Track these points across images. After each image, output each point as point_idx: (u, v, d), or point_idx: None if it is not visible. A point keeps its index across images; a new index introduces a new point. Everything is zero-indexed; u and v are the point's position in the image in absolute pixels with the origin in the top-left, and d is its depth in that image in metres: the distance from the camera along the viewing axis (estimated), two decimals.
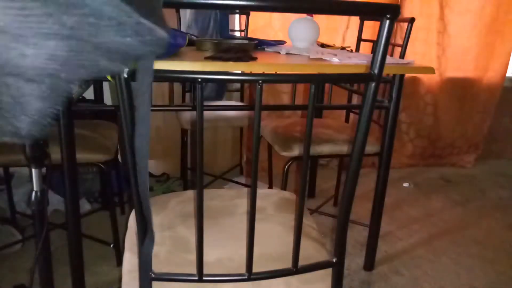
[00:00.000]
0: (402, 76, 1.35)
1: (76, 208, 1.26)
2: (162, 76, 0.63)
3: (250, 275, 0.69)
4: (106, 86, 2.12)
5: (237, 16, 2.28)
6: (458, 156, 2.87)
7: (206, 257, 0.74)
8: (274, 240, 0.82)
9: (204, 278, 0.68)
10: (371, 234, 1.57)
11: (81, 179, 1.93)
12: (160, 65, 1.00)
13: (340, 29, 2.40)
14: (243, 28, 2.19)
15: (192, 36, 1.66)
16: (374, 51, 0.63)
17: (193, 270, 0.68)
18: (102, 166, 1.40)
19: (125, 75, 0.59)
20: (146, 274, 0.67)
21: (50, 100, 0.37)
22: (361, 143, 0.67)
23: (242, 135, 2.40)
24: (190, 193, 1.01)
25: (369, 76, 0.63)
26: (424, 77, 2.63)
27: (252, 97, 2.38)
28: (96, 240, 1.65)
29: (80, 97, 1.91)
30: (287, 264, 0.72)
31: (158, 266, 0.72)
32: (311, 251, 0.80)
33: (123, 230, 1.65)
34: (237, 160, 2.51)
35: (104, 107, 1.81)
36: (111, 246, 1.58)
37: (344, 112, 2.07)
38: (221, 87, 2.26)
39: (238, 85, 2.33)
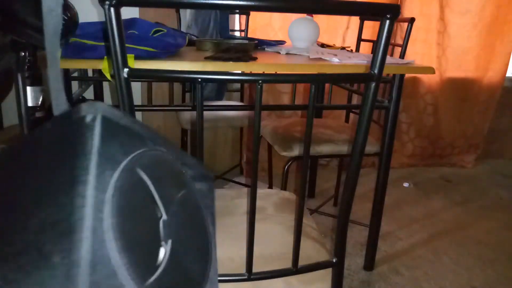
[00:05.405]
0: (402, 76, 1.35)
1: None
2: (162, 76, 0.63)
3: (250, 275, 0.69)
4: (106, 86, 2.12)
5: (237, 16, 2.28)
6: (458, 156, 2.87)
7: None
8: (274, 240, 0.82)
9: None
10: (371, 234, 1.57)
11: None
12: (160, 65, 1.00)
13: (340, 29, 2.40)
14: (243, 28, 2.19)
15: (192, 36, 1.66)
16: (374, 51, 0.63)
17: None
18: None
19: (125, 75, 0.59)
20: None
21: None
22: (361, 143, 0.67)
23: (242, 135, 2.40)
24: None
25: (369, 76, 0.63)
26: (424, 77, 2.63)
27: (252, 97, 2.38)
28: None
29: (80, 97, 1.91)
30: (287, 264, 0.72)
31: None
32: (311, 251, 0.80)
33: None
34: (237, 160, 2.51)
35: None
36: None
37: (344, 112, 2.07)
38: (221, 87, 2.26)
39: (238, 85, 2.33)
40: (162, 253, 0.30)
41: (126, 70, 0.58)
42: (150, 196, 0.30)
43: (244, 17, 2.18)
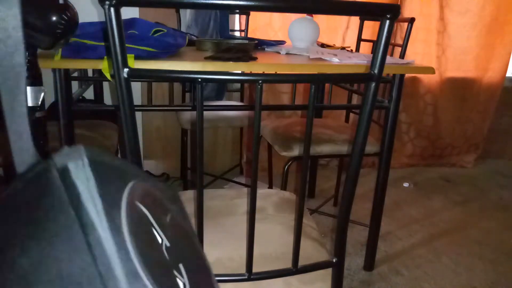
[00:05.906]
0: (402, 76, 1.35)
1: None
2: (162, 76, 0.63)
3: (250, 275, 0.69)
4: (106, 86, 2.12)
5: (237, 16, 2.28)
6: (458, 156, 2.87)
7: (206, 257, 0.74)
8: (274, 240, 0.82)
9: None
10: (371, 234, 1.57)
11: None
12: (160, 65, 1.00)
13: (340, 29, 2.40)
14: (243, 28, 2.19)
15: (192, 36, 1.66)
16: (374, 51, 0.63)
17: None
18: None
19: (125, 75, 0.59)
20: None
21: None
22: (361, 143, 0.67)
23: (242, 135, 2.40)
24: (190, 193, 1.01)
25: (369, 76, 0.63)
26: (424, 77, 2.63)
27: (252, 97, 2.38)
28: None
29: (80, 97, 1.91)
30: (287, 264, 0.73)
31: None
32: (311, 251, 0.80)
33: None
34: (237, 160, 2.51)
35: (104, 107, 1.81)
36: None
37: (344, 112, 2.07)
38: (221, 87, 2.26)
39: (238, 85, 2.33)
40: (180, 277, 0.30)
41: (126, 70, 0.58)
42: (150, 225, 0.29)
43: (244, 17, 2.18)
